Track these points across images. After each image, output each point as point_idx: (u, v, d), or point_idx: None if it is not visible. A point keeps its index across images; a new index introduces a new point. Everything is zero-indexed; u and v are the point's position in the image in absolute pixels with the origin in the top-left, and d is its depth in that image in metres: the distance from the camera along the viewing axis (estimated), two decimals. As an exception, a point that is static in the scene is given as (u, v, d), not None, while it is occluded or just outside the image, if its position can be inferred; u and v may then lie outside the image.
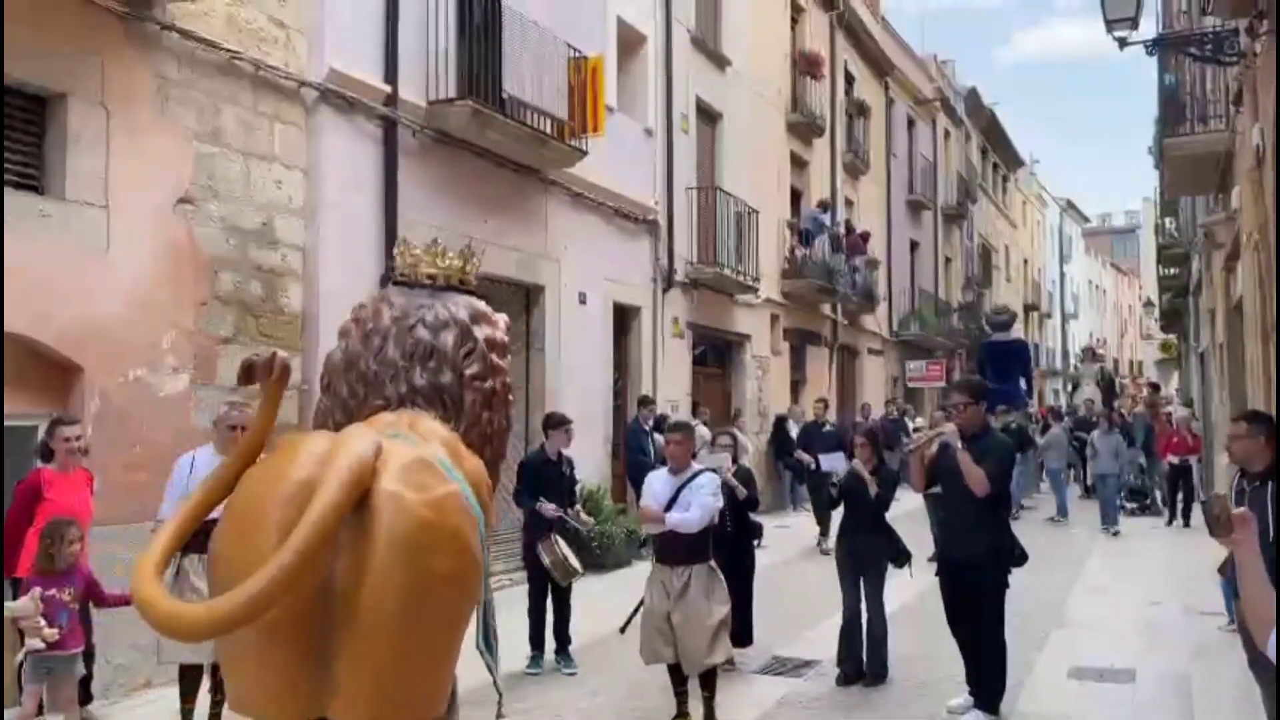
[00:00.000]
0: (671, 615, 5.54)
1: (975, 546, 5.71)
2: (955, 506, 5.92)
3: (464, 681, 2.70)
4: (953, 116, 30.10)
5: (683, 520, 5.57)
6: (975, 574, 5.74)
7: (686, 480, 5.75)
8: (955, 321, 28.39)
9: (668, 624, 5.56)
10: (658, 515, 5.65)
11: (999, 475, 5.71)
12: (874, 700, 6.33)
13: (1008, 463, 5.97)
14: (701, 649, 5.49)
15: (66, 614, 4.98)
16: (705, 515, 5.62)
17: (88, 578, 5.18)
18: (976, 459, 5.63)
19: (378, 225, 8.69)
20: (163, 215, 6.76)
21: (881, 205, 23.69)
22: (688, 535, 5.57)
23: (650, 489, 5.88)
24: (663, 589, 5.64)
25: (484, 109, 9.37)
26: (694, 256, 14.44)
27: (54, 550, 5.01)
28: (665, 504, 5.64)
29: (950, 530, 6.15)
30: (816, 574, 8.93)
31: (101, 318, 6.28)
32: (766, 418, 16.93)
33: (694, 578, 5.58)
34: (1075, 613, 8.98)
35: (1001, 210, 37.29)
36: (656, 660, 5.69)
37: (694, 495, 5.64)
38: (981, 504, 5.66)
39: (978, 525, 5.72)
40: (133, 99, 6.58)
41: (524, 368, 11.12)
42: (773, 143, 17.88)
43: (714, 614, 5.54)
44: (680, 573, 5.59)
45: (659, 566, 5.74)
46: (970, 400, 5.95)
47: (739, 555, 7.13)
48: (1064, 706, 6.20)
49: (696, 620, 5.50)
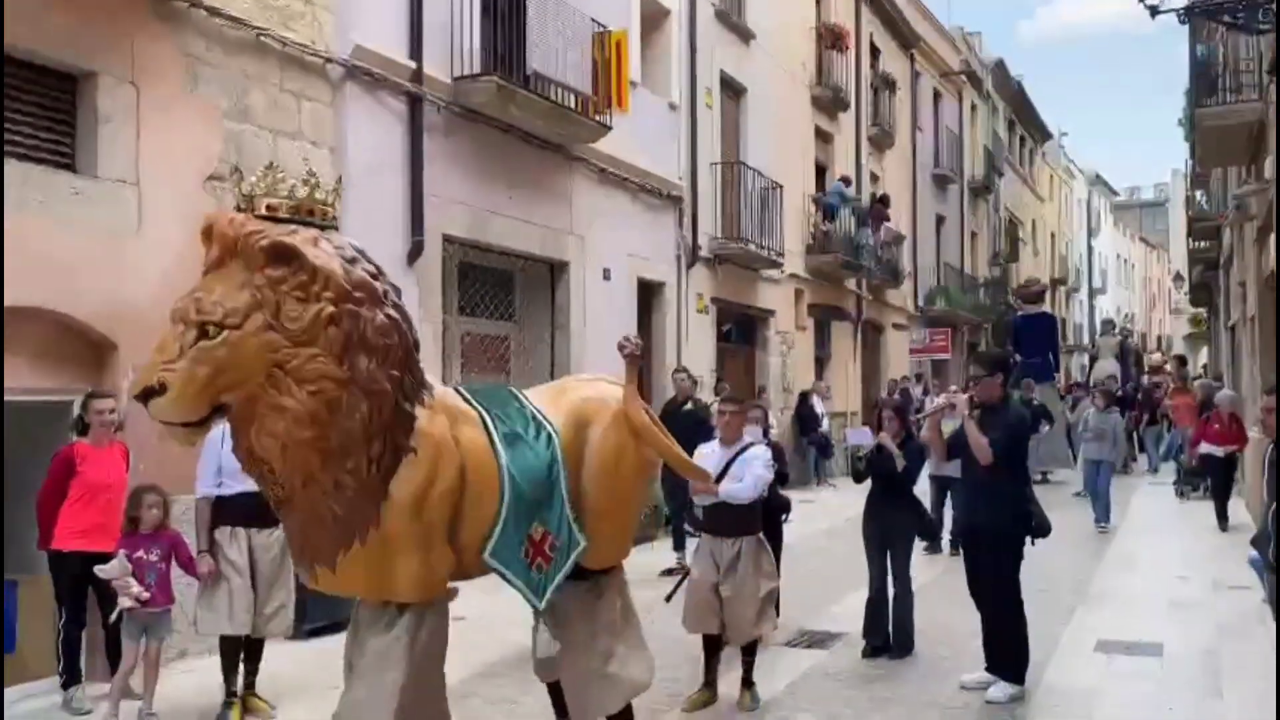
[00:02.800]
0: (720, 587, 5.59)
1: (990, 516, 5.79)
2: (973, 476, 5.97)
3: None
4: (979, 89, 29.74)
5: (735, 491, 5.60)
6: (991, 543, 5.81)
7: (738, 452, 5.79)
8: (981, 296, 28.18)
9: (715, 595, 5.60)
10: (711, 486, 5.59)
11: (1008, 446, 5.76)
12: (899, 672, 6.35)
13: (1019, 434, 5.98)
14: (749, 620, 5.58)
15: (154, 573, 5.27)
16: (758, 487, 5.67)
17: (174, 539, 5.45)
18: (986, 429, 5.70)
19: (404, 202, 8.73)
20: (193, 193, 6.81)
21: (907, 180, 23.49)
22: (738, 507, 5.61)
23: (701, 462, 5.83)
24: (711, 560, 5.68)
25: (508, 84, 9.37)
26: (718, 232, 14.41)
27: (136, 515, 5.34)
28: (717, 476, 5.62)
29: (968, 500, 6.27)
30: (842, 548, 8.93)
31: (134, 295, 6.35)
32: (791, 394, 16.91)
33: (744, 550, 5.63)
34: (1102, 587, 8.96)
35: (1029, 184, 36.89)
36: (701, 630, 5.72)
37: (746, 467, 5.69)
38: (996, 474, 5.72)
39: (992, 495, 5.78)
40: (162, 77, 6.63)
41: (549, 344, 11.16)
42: (797, 117, 17.76)
43: (762, 587, 5.63)
44: (730, 544, 5.64)
45: (708, 538, 5.79)
46: (985, 372, 5.99)
47: (768, 530, 7.17)
48: (1091, 680, 6.20)
49: (746, 592, 5.57)
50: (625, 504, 4.43)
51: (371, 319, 3.47)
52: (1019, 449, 5.98)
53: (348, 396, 3.41)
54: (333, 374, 3.39)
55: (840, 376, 19.29)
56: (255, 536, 5.42)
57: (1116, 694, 5.95)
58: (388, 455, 3.56)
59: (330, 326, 3.39)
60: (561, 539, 4.08)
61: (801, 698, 5.91)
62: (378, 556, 3.64)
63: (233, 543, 5.39)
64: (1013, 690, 5.74)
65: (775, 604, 5.89)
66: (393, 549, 3.65)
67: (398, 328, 3.58)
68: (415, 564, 3.70)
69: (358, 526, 3.58)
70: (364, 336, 3.44)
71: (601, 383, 4.55)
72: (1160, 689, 6.02)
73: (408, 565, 3.68)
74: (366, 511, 3.57)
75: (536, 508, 3.99)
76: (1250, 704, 5.54)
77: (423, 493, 3.66)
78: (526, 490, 3.95)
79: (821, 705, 5.76)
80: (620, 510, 4.40)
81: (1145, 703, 5.79)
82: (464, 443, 3.84)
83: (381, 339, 3.49)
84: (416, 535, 3.68)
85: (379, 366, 3.47)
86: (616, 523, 4.39)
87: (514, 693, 5.98)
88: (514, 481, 3.91)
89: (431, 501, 3.70)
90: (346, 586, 3.79)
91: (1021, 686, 5.78)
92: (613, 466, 4.25)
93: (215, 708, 5.49)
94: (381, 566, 3.67)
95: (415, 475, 3.64)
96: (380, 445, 3.52)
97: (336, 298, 3.42)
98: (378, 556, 3.64)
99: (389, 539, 3.63)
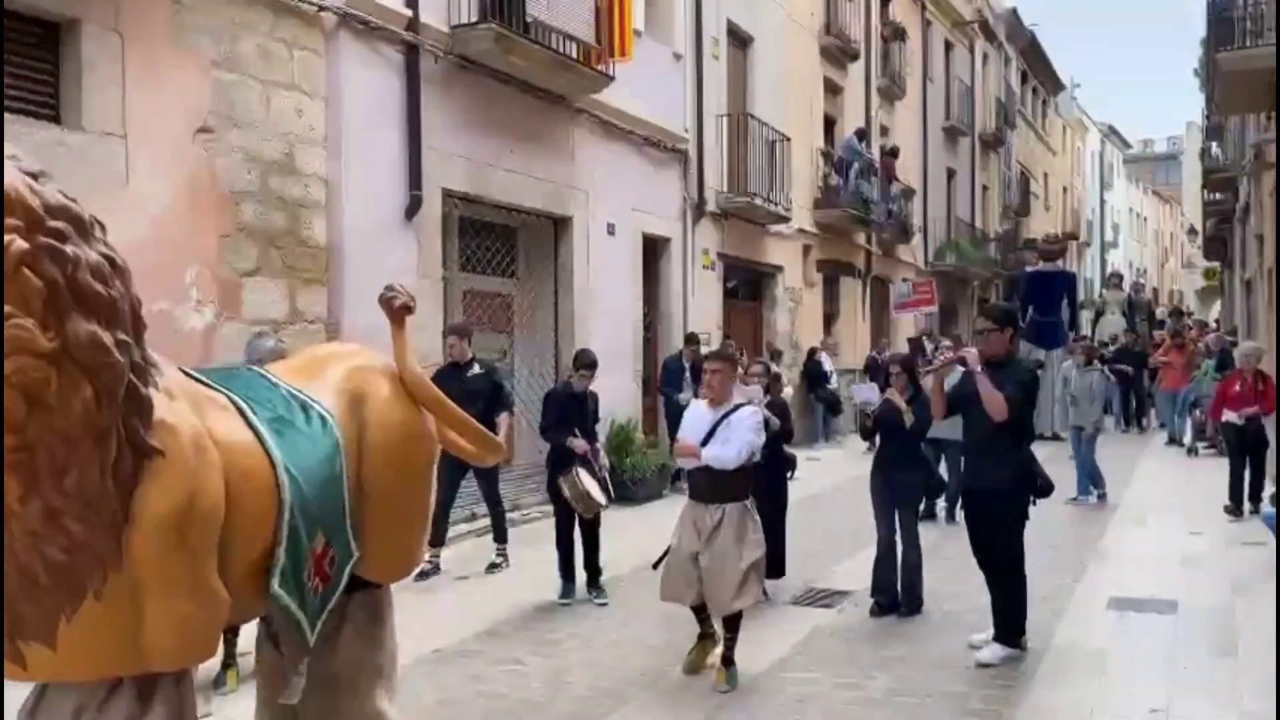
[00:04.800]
0: (700, 556, 5.25)
1: (995, 475, 5.59)
2: (976, 434, 5.76)
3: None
4: (992, 40, 29.19)
5: (718, 456, 5.26)
6: (995, 502, 5.64)
7: (725, 414, 5.40)
8: (993, 251, 27.86)
9: (694, 565, 5.27)
10: (693, 449, 5.36)
11: (1020, 402, 5.56)
12: (907, 631, 6.25)
13: (1030, 389, 5.81)
14: (728, 593, 5.18)
15: None
16: (744, 452, 5.29)
17: None
18: (998, 385, 5.48)
19: (402, 155, 8.53)
20: (182, 146, 6.65)
21: (918, 132, 23.11)
22: (723, 472, 5.27)
23: (687, 421, 5.62)
24: (693, 528, 5.34)
25: (508, 33, 9.12)
26: (725, 186, 14.16)
27: None
28: (703, 438, 5.36)
29: (971, 458, 5.99)
30: (850, 505, 8.83)
31: (123, 250, 6.12)
32: (799, 350, 16.76)
33: (726, 518, 5.26)
34: (1114, 544, 8.84)
35: (1041, 137, 36.37)
36: (676, 600, 5.42)
37: (732, 430, 5.32)
38: (1002, 431, 5.52)
39: (998, 453, 5.59)
40: (148, 25, 6.43)
41: (552, 300, 11.00)
42: (806, 68, 17.40)
43: (744, 558, 5.22)
44: (713, 511, 5.28)
45: (692, 504, 5.45)
46: (994, 326, 5.76)
47: (772, 488, 7.06)
48: (1103, 637, 6.09)
49: (725, 563, 5.20)
50: (416, 497, 3.55)
51: (83, 259, 2.37)
52: (1029, 407, 5.82)
53: (60, 377, 2.31)
54: (33, 345, 2.25)
55: (849, 333, 19.10)
56: None
57: (1129, 652, 5.85)
58: (125, 461, 2.48)
59: (22, 271, 2.24)
60: (338, 549, 3.17)
61: (810, 656, 5.81)
62: (122, 613, 2.53)
63: None
64: (1005, 652, 5.58)
65: (760, 575, 5.47)
66: (145, 597, 2.55)
67: (121, 273, 2.51)
68: (179, 614, 2.61)
69: (88, 574, 2.46)
70: (76, 285, 2.34)
71: (361, 351, 3.68)
72: (1173, 647, 5.91)
73: (168, 617, 2.59)
74: (100, 548, 2.46)
75: (320, 514, 3.06)
76: (1265, 661, 5.42)
77: (182, 511, 2.59)
78: (309, 493, 3.00)
79: (830, 665, 5.66)
80: (410, 506, 3.52)
81: (1158, 660, 5.68)
82: (221, 437, 2.79)
83: (101, 288, 2.40)
84: (178, 572, 2.60)
85: (104, 329, 2.39)
86: (406, 523, 3.52)
87: (520, 652, 5.90)
88: (295, 483, 2.95)
89: (194, 522, 2.62)
90: (71, 668, 2.57)
91: (1015, 649, 5.62)
92: (400, 451, 3.38)
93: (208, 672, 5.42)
94: (127, 626, 2.55)
95: (169, 487, 2.56)
96: (114, 447, 2.45)
97: (28, 226, 2.27)
98: (122, 613, 2.53)
99: (139, 584, 2.54)
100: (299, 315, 7.51)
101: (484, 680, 5.45)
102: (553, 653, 5.93)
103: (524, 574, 7.72)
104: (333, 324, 7.84)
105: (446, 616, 6.65)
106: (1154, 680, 5.33)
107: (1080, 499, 10.69)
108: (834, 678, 5.44)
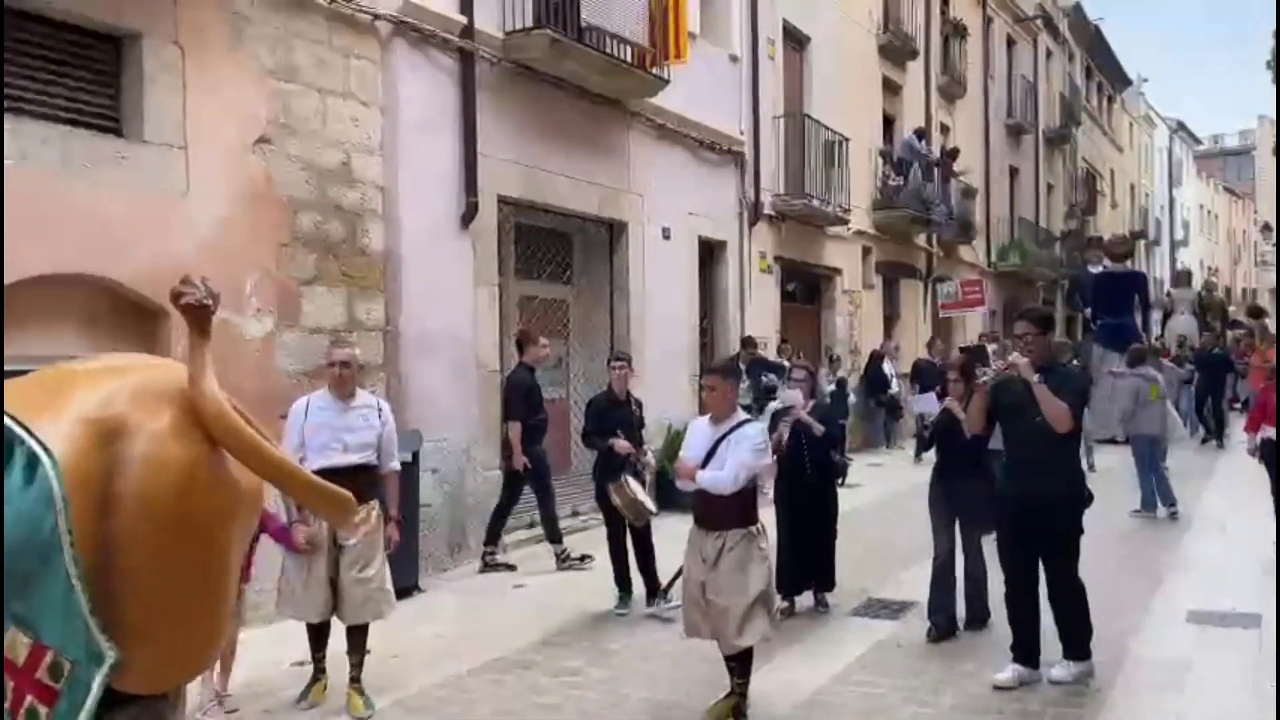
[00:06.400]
0: (705, 586, 4.86)
1: (1052, 487, 5.23)
2: (1026, 445, 5.33)
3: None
4: (1055, 35, 28.56)
5: (713, 481, 4.80)
6: (1059, 516, 5.27)
7: (727, 432, 4.92)
8: (1057, 251, 27.23)
9: (703, 595, 4.87)
10: (690, 472, 4.90)
11: (1080, 410, 5.28)
12: (973, 645, 6.03)
13: (1085, 395, 5.55)
14: (732, 628, 4.75)
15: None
16: (741, 475, 4.78)
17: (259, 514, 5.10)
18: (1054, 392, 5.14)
19: (456, 161, 8.52)
20: (240, 155, 6.69)
21: (979, 130, 22.67)
22: (722, 496, 4.81)
23: (689, 440, 5.15)
24: (698, 556, 4.91)
25: (562, 38, 9.07)
26: (781, 188, 13.99)
27: None
28: (703, 458, 4.93)
29: (1026, 471, 5.34)
30: (912, 513, 8.60)
31: (184, 260, 6.22)
32: (859, 355, 16.50)
33: (728, 546, 4.79)
34: (1192, 553, 8.51)
35: (1107, 133, 35.50)
36: (696, 634, 5.01)
37: (731, 450, 4.84)
38: (1058, 440, 5.18)
39: (1054, 464, 5.24)
40: (206, 37, 6.48)
41: (608, 305, 10.94)
42: (864, 67, 17.15)
43: (749, 590, 4.75)
44: (714, 539, 4.83)
45: (695, 530, 5.00)
46: (1038, 330, 5.42)
47: (820, 498, 6.86)
48: (1184, 652, 5.84)
49: (727, 596, 4.76)
50: (201, 569, 2.33)
51: None
52: (1083, 413, 5.53)
53: None
54: None
55: (910, 336, 18.77)
56: None
57: (1210, 667, 5.59)
58: None
59: None
60: (71, 652, 2.16)
61: (874, 669, 5.65)
62: None
63: (316, 520, 5.04)
64: (1078, 668, 5.32)
65: (770, 608, 4.93)
66: None
67: None
68: None
69: None
70: None
71: (158, 367, 2.55)
72: (1260, 662, 5.63)
73: None
74: None
75: (14, 599, 2.14)
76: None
77: None
78: None
79: (895, 678, 5.49)
80: (192, 580, 2.31)
81: (1240, 677, 5.42)
82: None
83: None
84: None
85: None
86: (185, 606, 2.31)
87: (578, 663, 5.83)
88: None
89: None
90: None
91: (1088, 662, 5.35)
92: (172, 503, 2.23)
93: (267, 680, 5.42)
94: None
95: None
96: None
97: None
98: None
99: None
100: (357, 323, 7.53)
101: (541, 691, 5.38)
102: (610, 664, 5.85)
103: (581, 583, 7.65)
104: (390, 331, 7.85)
105: (503, 624, 6.61)
106: (1239, 698, 5.09)
107: (1144, 512, 10.16)
108: (899, 691, 5.29)
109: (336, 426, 5.17)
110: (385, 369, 7.80)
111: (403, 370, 7.95)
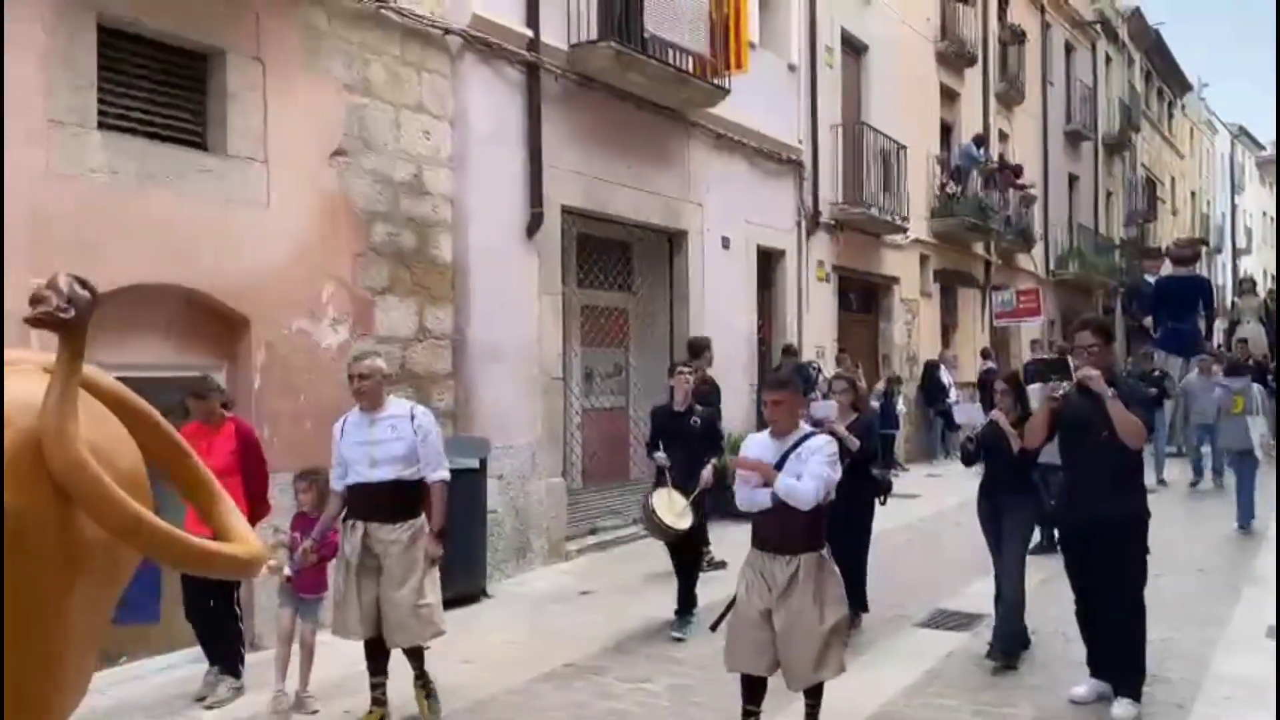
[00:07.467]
0: (774, 616, 4.35)
1: (1122, 503, 5.04)
2: (1090, 463, 5.12)
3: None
4: (1114, 40, 28.12)
5: (793, 490, 4.29)
6: (1130, 535, 5.06)
7: (795, 444, 4.45)
8: (1117, 259, 26.77)
9: (767, 626, 4.36)
10: (766, 470, 4.40)
11: (1149, 423, 5.13)
12: (1044, 658, 5.95)
13: (1153, 410, 5.40)
14: (808, 662, 4.31)
15: (296, 556, 5.15)
16: (820, 488, 4.32)
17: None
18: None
19: (523, 172, 8.63)
20: (318, 168, 6.84)
21: (1037, 137, 22.40)
22: (795, 516, 4.32)
23: (746, 456, 4.61)
24: (762, 582, 4.40)
25: (626, 50, 9.15)
26: (839, 197, 13.95)
27: (297, 498, 5.44)
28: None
29: (1093, 488, 5.10)
30: (976, 524, 8.54)
31: (264, 271, 6.42)
32: (916, 364, 16.37)
33: (803, 571, 4.32)
34: (1269, 566, 8.31)
35: (1167, 139, 34.85)
36: (745, 669, 4.49)
37: (804, 464, 4.37)
38: (1122, 458, 4.99)
39: (1127, 480, 5.07)
40: (285, 52, 6.64)
41: (668, 314, 10.98)
42: (922, 74, 17.05)
43: (825, 619, 4.31)
44: (786, 563, 4.34)
45: (757, 553, 4.49)
46: (1101, 341, 5.20)
47: (857, 515, 6.41)
48: (1265, 667, 5.70)
49: (804, 627, 4.30)
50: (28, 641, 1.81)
51: None
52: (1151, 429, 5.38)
53: None
54: None
55: (968, 345, 18.58)
56: (377, 531, 4.97)
57: (1295, 686, 5.46)
58: None
59: None
60: None
61: (945, 683, 5.61)
62: None
63: (350, 536, 5.06)
64: (1137, 709, 5.03)
65: (844, 639, 4.56)
66: None
67: None
68: None
69: None
70: None
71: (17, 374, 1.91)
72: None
73: None
74: None
75: None
76: None
77: None
78: None
79: (967, 692, 5.44)
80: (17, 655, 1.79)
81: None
82: None
83: None
84: None
85: None
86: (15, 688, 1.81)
87: (647, 671, 5.86)
88: None
89: None
90: None
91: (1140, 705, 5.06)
92: None
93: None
94: None
95: None
96: None
97: None
98: None
99: None
100: (427, 333, 7.66)
101: (614, 697, 5.42)
102: (679, 673, 5.87)
103: (649, 591, 7.69)
104: (458, 339, 7.97)
105: (574, 630, 6.66)
106: (1327, 718, 4.97)
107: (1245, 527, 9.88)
108: (972, 705, 5.24)
109: (364, 442, 5.02)
110: (454, 377, 7.91)
111: (470, 378, 8.06)
